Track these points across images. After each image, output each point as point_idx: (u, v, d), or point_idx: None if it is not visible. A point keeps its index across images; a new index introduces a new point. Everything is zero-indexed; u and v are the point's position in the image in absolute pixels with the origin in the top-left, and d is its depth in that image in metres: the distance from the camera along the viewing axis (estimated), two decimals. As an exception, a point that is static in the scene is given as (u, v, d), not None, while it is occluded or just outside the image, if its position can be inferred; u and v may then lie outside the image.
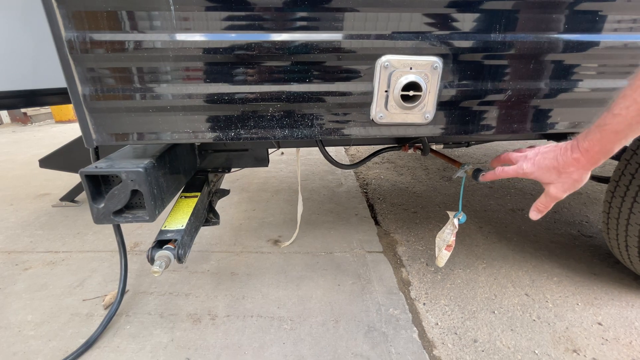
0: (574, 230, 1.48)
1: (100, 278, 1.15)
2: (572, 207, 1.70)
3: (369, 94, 0.64)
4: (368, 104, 0.65)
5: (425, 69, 0.62)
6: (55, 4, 0.54)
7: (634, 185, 0.94)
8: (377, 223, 1.58)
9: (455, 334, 0.95)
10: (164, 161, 0.74)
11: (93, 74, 0.59)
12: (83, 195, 1.75)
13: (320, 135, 0.68)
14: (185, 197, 0.90)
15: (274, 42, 0.59)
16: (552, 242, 1.39)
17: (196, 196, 0.90)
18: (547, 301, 1.07)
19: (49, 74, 1.14)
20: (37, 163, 1.57)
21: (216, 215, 1.02)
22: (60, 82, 0.61)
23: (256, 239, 1.41)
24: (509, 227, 1.51)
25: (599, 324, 0.98)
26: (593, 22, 0.63)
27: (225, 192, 1.14)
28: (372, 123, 0.67)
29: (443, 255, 0.94)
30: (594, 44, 0.64)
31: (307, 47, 0.59)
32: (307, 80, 0.62)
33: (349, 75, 0.63)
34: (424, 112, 0.66)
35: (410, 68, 0.62)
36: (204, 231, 1.47)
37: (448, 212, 0.94)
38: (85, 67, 0.58)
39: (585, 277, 1.18)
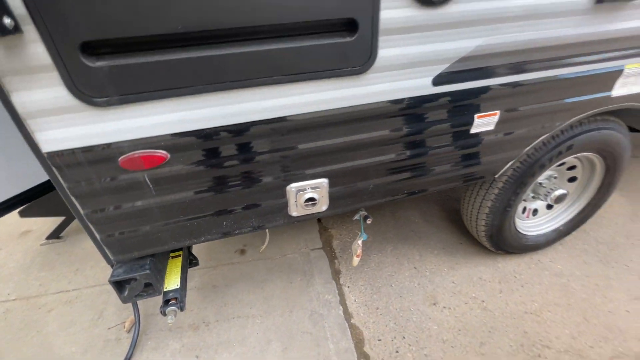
0: (457, 206, 2.06)
1: (114, 308, 1.54)
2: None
3: (286, 203, 1.03)
4: (286, 208, 1.05)
5: (318, 185, 1.02)
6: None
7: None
8: (319, 220, 2.04)
9: (366, 305, 1.50)
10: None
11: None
12: (67, 231, 2.00)
13: (265, 226, 1.07)
14: (173, 257, 1.27)
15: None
16: (440, 220, 1.96)
17: (180, 255, 1.28)
18: (426, 271, 1.65)
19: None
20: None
21: (195, 258, 1.41)
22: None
23: (226, 252, 1.83)
24: (415, 211, 2.05)
25: (453, 282, 1.58)
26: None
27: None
28: (291, 217, 1.07)
29: (355, 261, 1.44)
30: (416, 154, 1.06)
31: (266, 184, 0.95)
32: (259, 200, 0.99)
33: (276, 194, 1.00)
34: (320, 206, 1.07)
35: (308, 188, 1.01)
36: (183, 250, 1.85)
37: (358, 232, 1.41)
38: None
39: (454, 247, 1.77)
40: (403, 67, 0.87)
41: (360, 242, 1.39)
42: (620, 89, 1.14)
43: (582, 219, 1.63)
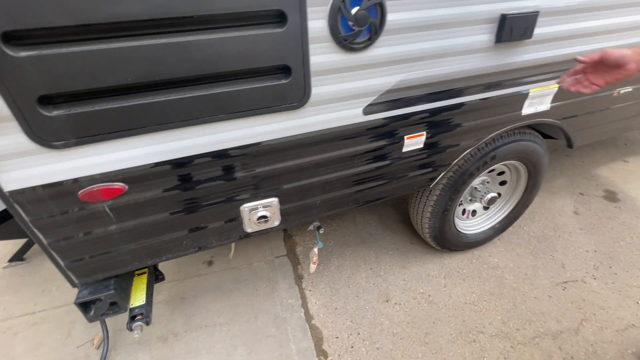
0: (412, 208, 2.24)
1: (82, 326, 1.58)
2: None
3: (241, 220, 1.14)
4: (241, 225, 1.15)
5: (269, 204, 1.13)
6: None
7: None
8: (284, 229, 2.16)
9: (325, 306, 1.63)
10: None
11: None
12: (30, 252, 1.99)
13: (223, 243, 1.17)
14: (138, 274, 1.34)
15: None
16: (395, 222, 2.14)
17: (145, 272, 1.35)
18: (381, 271, 1.81)
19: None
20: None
21: (161, 273, 1.48)
22: None
23: (194, 264, 1.90)
24: (373, 215, 2.22)
25: (404, 280, 1.75)
26: (353, 163, 1.18)
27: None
28: (246, 233, 1.18)
29: (312, 268, 1.57)
30: (357, 172, 1.20)
31: (220, 206, 1.05)
32: (214, 220, 1.09)
33: (230, 214, 1.11)
34: (273, 222, 1.19)
35: (260, 207, 1.12)
36: (151, 264, 1.90)
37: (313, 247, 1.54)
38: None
39: (406, 247, 1.94)
40: (336, 101, 1.01)
41: (316, 250, 1.53)
42: (528, 108, 1.34)
43: (514, 217, 1.85)
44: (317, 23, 0.86)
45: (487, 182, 1.72)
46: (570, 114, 1.47)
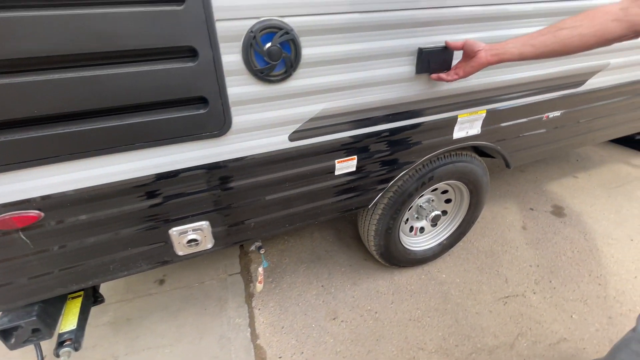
0: (369, 224, 2.28)
1: (18, 351, 1.53)
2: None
3: (171, 244, 1.15)
4: (172, 248, 1.16)
5: (199, 227, 1.15)
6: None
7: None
8: (241, 245, 2.16)
9: (272, 325, 1.64)
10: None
11: (-17, 280, 0.97)
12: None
13: (154, 266, 1.18)
14: (72, 298, 1.32)
15: (101, 239, 1.04)
16: (351, 238, 2.17)
17: (80, 295, 1.33)
18: (332, 288, 1.83)
19: None
20: None
21: (101, 295, 1.46)
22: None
23: (145, 282, 1.88)
24: (331, 230, 2.25)
25: (353, 297, 1.78)
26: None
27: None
28: (178, 256, 1.19)
29: (258, 287, 1.58)
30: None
31: (146, 230, 1.06)
32: (142, 243, 1.10)
33: (159, 238, 1.12)
34: (205, 245, 1.20)
35: (189, 231, 1.14)
36: (102, 286, 1.87)
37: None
38: (-24, 279, 0.96)
39: (359, 263, 1.98)
40: (259, 129, 1.04)
41: (260, 269, 1.54)
42: (459, 133, 1.41)
43: (461, 233, 1.92)
44: (232, 57, 0.90)
45: (432, 200, 1.78)
46: (501, 137, 1.55)
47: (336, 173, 1.26)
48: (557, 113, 1.62)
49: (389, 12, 1.01)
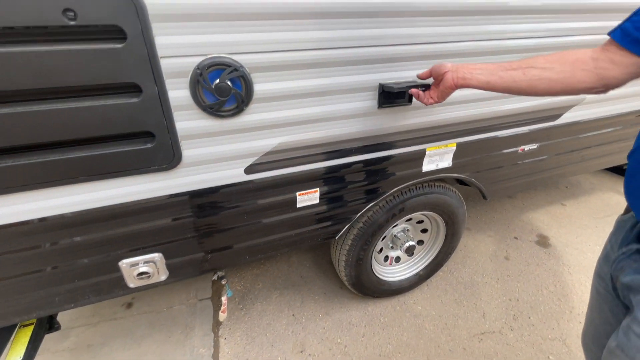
0: (349, 249, 2.24)
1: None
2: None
3: (122, 276, 1.12)
4: (123, 280, 1.13)
5: (151, 259, 1.12)
6: None
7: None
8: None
9: (237, 357, 1.58)
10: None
11: None
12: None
13: (103, 298, 1.14)
14: (24, 325, 1.28)
15: (45, 271, 1.01)
16: (328, 263, 2.12)
17: (33, 323, 1.29)
18: (303, 318, 1.78)
19: None
20: None
21: (57, 322, 1.42)
22: None
23: (112, 306, 1.84)
24: (309, 255, 2.20)
25: (324, 328, 1.72)
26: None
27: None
28: (130, 289, 1.15)
29: (221, 316, 1.53)
30: (248, 227, 1.20)
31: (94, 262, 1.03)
32: (90, 275, 1.06)
33: (108, 269, 1.08)
34: (159, 277, 1.16)
35: (140, 263, 1.11)
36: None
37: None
38: None
39: (334, 292, 1.92)
40: (212, 162, 1.02)
41: (223, 299, 1.50)
42: (428, 165, 1.38)
43: (438, 264, 1.87)
44: (179, 92, 0.89)
45: (408, 230, 1.74)
46: (475, 170, 1.52)
47: (298, 205, 1.23)
48: (533, 146, 1.60)
49: (346, 49, 1.00)
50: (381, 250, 1.72)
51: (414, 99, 1.14)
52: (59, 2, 0.70)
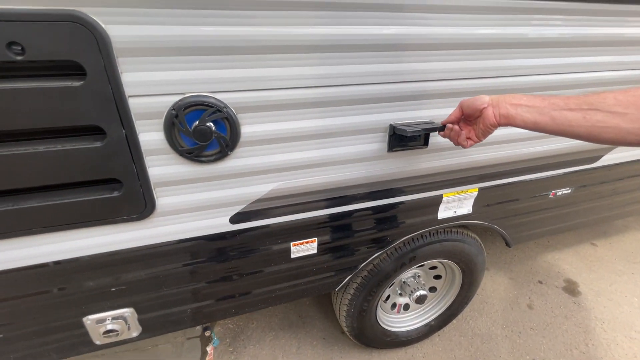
0: (353, 286, 2.06)
1: None
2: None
3: (86, 332, 0.98)
4: (89, 337, 0.99)
5: (121, 315, 0.98)
6: None
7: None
8: (208, 300, 1.97)
9: (221, 413, 1.42)
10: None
11: None
12: None
13: (67, 356, 1.00)
14: (-14, 373, 1.16)
15: None
16: (330, 302, 1.94)
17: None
18: (298, 367, 1.60)
19: None
20: None
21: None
22: None
23: (95, 340, 1.71)
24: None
25: (320, 382, 1.54)
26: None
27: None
28: (97, 346, 1.02)
29: (206, 366, 1.37)
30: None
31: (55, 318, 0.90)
32: (50, 333, 0.93)
33: (70, 326, 0.95)
34: (130, 333, 1.02)
35: (108, 319, 0.97)
36: None
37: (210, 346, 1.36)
38: None
39: (334, 337, 1.74)
40: (193, 210, 0.88)
41: (209, 348, 1.34)
42: (445, 212, 1.21)
43: (451, 314, 1.66)
44: (151, 135, 0.75)
45: (419, 276, 1.56)
46: (499, 216, 1.33)
47: (292, 256, 1.08)
48: (566, 190, 1.40)
49: (351, 86, 0.85)
50: (388, 297, 1.54)
51: (430, 140, 0.98)
52: (1, 35, 0.58)
